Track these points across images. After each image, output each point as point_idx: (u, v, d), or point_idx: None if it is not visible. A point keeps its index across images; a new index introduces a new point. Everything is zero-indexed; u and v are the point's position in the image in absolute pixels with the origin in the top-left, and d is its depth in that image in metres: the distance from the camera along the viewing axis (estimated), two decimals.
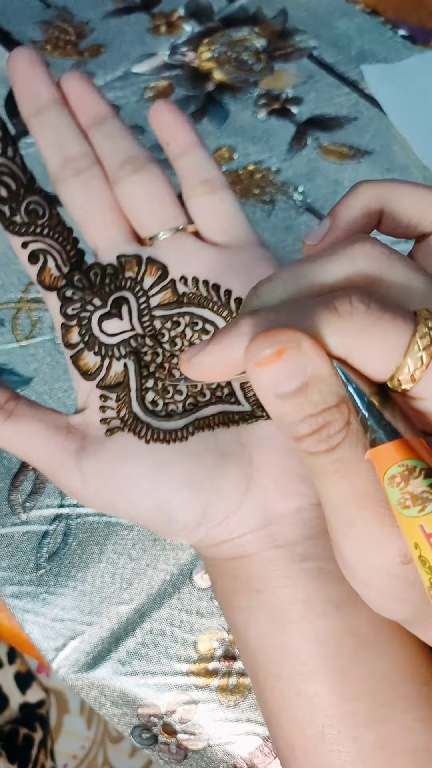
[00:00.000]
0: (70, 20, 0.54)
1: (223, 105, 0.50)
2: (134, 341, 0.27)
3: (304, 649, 0.24)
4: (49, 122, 0.28)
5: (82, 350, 0.27)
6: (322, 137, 0.48)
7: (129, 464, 0.25)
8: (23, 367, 0.40)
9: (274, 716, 0.25)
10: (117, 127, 0.28)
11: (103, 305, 0.27)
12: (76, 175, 0.27)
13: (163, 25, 0.54)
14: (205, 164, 0.28)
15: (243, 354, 0.17)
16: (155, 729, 0.33)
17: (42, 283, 0.27)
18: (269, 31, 0.53)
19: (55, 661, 0.34)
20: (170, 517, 0.25)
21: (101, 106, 0.28)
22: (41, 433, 0.26)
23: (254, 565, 0.25)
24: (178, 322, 0.27)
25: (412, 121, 0.48)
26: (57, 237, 0.27)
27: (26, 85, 0.27)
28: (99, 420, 0.26)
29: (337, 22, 0.53)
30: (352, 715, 0.24)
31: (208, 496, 0.25)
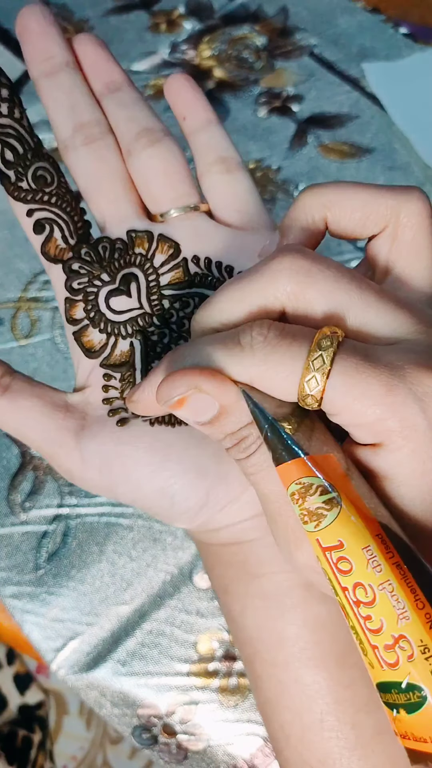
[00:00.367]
0: (70, 18, 0.54)
1: (224, 103, 0.50)
2: (142, 320, 0.26)
3: (303, 635, 0.24)
4: (61, 85, 0.26)
5: (87, 326, 0.25)
6: (323, 135, 0.48)
7: (132, 446, 0.24)
8: (22, 367, 0.40)
9: (270, 705, 0.25)
10: (133, 95, 0.27)
11: (112, 281, 0.25)
12: (88, 143, 0.26)
13: (164, 23, 0.53)
14: (222, 142, 0.27)
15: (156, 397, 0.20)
16: (155, 729, 0.33)
17: (46, 255, 0.25)
18: (270, 29, 0.53)
19: (55, 662, 0.33)
20: (173, 501, 0.24)
21: (116, 73, 0.27)
22: (39, 410, 0.25)
23: (254, 550, 0.25)
24: (188, 303, 0.26)
25: (413, 119, 0.48)
26: (65, 206, 0.25)
27: (37, 44, 0.26)
28: (101, 399, 0.25)
29: (338, 19, 0.53)
30: (350, 701, 0.24)
31: (213, 480, 0.25)
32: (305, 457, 0.18)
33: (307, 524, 0.18)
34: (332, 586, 0.18)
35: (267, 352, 0.18)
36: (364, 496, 0.18)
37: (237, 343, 0.19)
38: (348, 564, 0.17)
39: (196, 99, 0.27)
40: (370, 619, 0.17)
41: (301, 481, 0.18)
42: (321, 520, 0.18)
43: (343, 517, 0.18)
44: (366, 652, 0.17)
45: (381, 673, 0.17)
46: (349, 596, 0.17)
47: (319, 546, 0.18)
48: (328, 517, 0.18)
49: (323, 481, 0.18)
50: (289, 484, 0.18)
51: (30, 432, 0.25)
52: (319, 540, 0.18)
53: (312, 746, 0.24)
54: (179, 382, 0.19)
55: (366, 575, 0.17)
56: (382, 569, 0.17)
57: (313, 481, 0.18)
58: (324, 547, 0.18)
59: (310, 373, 0.18)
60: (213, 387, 0.19)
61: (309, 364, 0.18)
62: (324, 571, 0.18)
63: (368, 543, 0.17)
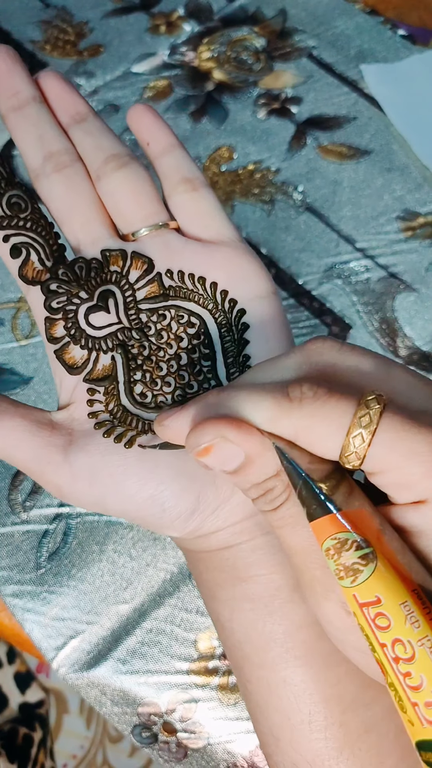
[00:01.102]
0: (70, 20, 0.54)
1: (223, 105, 0.50)
2: (121, 334, 0.27)
3: (290, 635, 0.24)
4: (29, 118, 0.28)
5: (68, 344, 0.26)
6: (321, 137, 0.48)
7: (120, 455, 0.25)
8: (23, 367, 0.40)
9: (259, 708, 0.26)
10: (98, 125, 0.28)
11: (90, 298, 0.26)
12: (58, 170, 0.27)
13: (163, 25, 0.54)
14: (185, 164, 0.29)
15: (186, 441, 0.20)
16: (155, 728, 0.33)
17: (24, 277, 0.26)
18: (269, 30, 0.53)
19: (56, 660, 0.34)
20: (164, 508, 0.25)
21: (81, 105, 0.28)
22: (25, 429, 0.25)
23: (241, 554, 0.25)
24: (165, 315, 0.27)
25: (411, 121, 0.48)
26: (40, 231, 0.27)
27: (5, 82, 0.27)
28: (87, 414, 0.26)
29: (337, 21, 0.53)
30: (338, 700, 0.24)
31: (202, 484, 0.25)
32: (339, 513, 0.18)
33: (343, 579, 0.18)
34: (369, 642, 0.18)
35: (316, 406, 0.19)
36: (398, 552, 0.18)
37: (285, 395, 0.20)
38: (386, 620, 0.17)
39: (158, 125, 0.29)
40: (410, 676, 0.17)
41: (336, 536, 0.18)
42: (357, 575, 0.18)
43: (379, 572, 0.18)
44: (405, 710, 0.18)
45: (421, 731, 0.17)
46: (388, 653, 0.18)
47: (356, 602, 0.18)
48: (365, 572, 0.18)
49: (358, 537, 0.18)
50: (323, 539, 0.18)
51: (17, 452, 0.25)
52: (356, 596, 0.18)
53: (301, 747, 0.24)
54: (206, 431, 0.20)
55: (404, 631, 0.17)
56: (420, 625, 0.17)
57: (348, 537, 0.18)
58: (361, 603, 0.18)
59: (356, 430, 0.18)
60: (238, 436, 0.19)
61: (356, 421, 0.19)
62: (361, 627, 0.18)
63: (405, 599, 0.18)
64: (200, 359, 0.27)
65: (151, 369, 0.26)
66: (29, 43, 0.52)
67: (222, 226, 0.29)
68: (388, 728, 0.24)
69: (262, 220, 0.45)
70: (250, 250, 0.29)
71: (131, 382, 0.26)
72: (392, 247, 0.44)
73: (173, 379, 0.26)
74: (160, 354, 0.27)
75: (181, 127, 0.49)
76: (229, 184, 0.46)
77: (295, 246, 0.44)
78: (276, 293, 0.28)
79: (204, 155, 0.48)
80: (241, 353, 0.27)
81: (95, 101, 0.50)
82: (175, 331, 0.27)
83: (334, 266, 0.43)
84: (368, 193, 0.46)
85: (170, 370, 0.27)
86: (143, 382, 0.26)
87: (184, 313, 0.27)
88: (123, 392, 0.26)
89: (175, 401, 0.26)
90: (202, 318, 0.27)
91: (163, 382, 0.26)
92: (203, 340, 0.27)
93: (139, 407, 0.26)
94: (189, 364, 0.27)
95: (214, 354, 0.27)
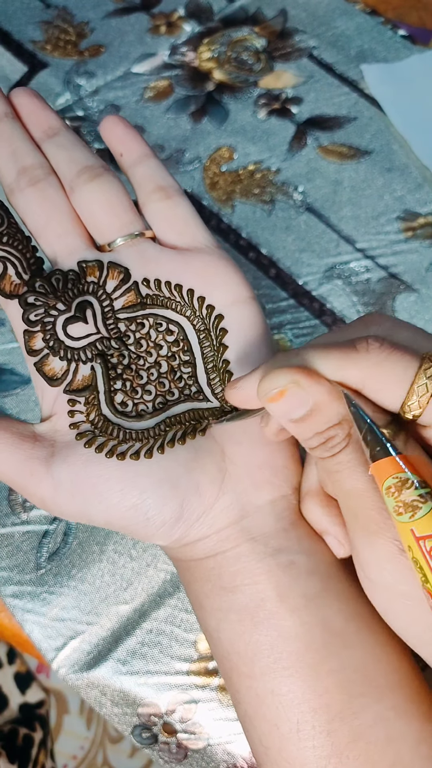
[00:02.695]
0: (70, 20, 0.54)
1: (223, 105, 0.50)
2: (100, 344, 0.27)
3: (276, 646, 0.24)
4: (2, 135, 0.28)
5: (47, 356, 0.26)
6: (321, 137, 0.48)
7: (102, 466, 0.25)
8: (23, 367, 0.40)
9: (249, 717, 0.26)
10: (70, 138, 0.29)
11: (67, 309, 0.27)
12: (32, 184, 0.28)
13: (163, 26, 0.54)
14: (159, 172, 0.29)
15: (257, 389, 0.22)
16: (155, 728, 0.33)
17: (2, 292, 0.27)
18: (269, 31, 0.53)
19: (56, 661, 0.34)
20: (147, 516, 0.25)
21: (53, 119, 0.29)
22: (7, 442, 0.25)
23: (228, 561, 0.26)
24: (143, 324, 0.27)
25: (411, 121, 0.48)
26: (16, 245, 0.27)
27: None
28: (68, 425, 0.26)
29: (337, 21, 0.53)
30: (325, 709, 0.24)
31: (185, 491, 0.25)
32: (398, 456, 0.20)
33: (402, 515, 0.20)
34: (423, 574, 0.20)
35: (383, 356, 0.21)
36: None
37: (352, 347, 0.21)
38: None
39: (130, 136, 0.29)
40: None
41: (397, 476, 0.20)
42: (416, 511, 0.20)
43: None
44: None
45: None
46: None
47: (413, 536, 0.20)
48: (423, 509, 0.20)
49: (417, 478, 0.20)
50: (384, 479, 0.20)
51: (0, 465, 0.25)
52: (414, 530, 0.20)
53: (290, 756, 0.24)
54: (281, 375, 0.21)
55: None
56: None
57: (408, 477, 0.20)
58: (418, 536, 0.19)
59: (421, 380, 0.20)
60: (310, 383, 0.21)
61: (421, 372, 0.20)
62: (415, 561, 0.20)
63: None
64: (180, 366, 0.27)
65: (131, 378, 0.27)
66: (30, 43, 0.52)
67: (197, 233, 0.29)
68: (377, 737, 0.23)
69: (263, 221, 0.45)
70: (226, 256, 0.29)
71: (111, 392, 0.26)
72: (392, 247, 0.44)
73: (154, 387, 0.27)
74: (140, 363, 0.27)
75: (182, 127, 0.49)
76: (230, 185, 0.46)
77: (295, 246, 0.44)
78: (254, 298, 0.28)
79: (204, 155, 0.48)
80: (220, 358, 0.27)
81: (96, 101, 0.50)
82: (154, 339, 0.27)
83: (335, 266, 0.43)
84: (368, 193, 0.46)
85: (150, 378, 0.27)
86: (123, 391, 0.26)
87: (162, 321, 0.27)
88: (103, 402, 0.26)
89: (156, 409, 0.26)
90: (180, 325, 0.27)
91: (144, 390, 0.27)
92: (182, 347, 0.27)
93: (120, 416, 0.26)
94: (169, 372, 0.27)
95: (194, 360, 0.27)
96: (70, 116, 0.49)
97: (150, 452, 0.25)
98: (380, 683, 0.24)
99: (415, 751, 0.24)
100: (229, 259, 0.29)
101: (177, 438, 0.26)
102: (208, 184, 0.47)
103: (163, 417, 0.26)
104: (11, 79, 0.51)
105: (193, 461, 0.26)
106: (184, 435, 0.26)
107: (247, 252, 0.44)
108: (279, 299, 0.42)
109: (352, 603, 0.25)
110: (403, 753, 0.23)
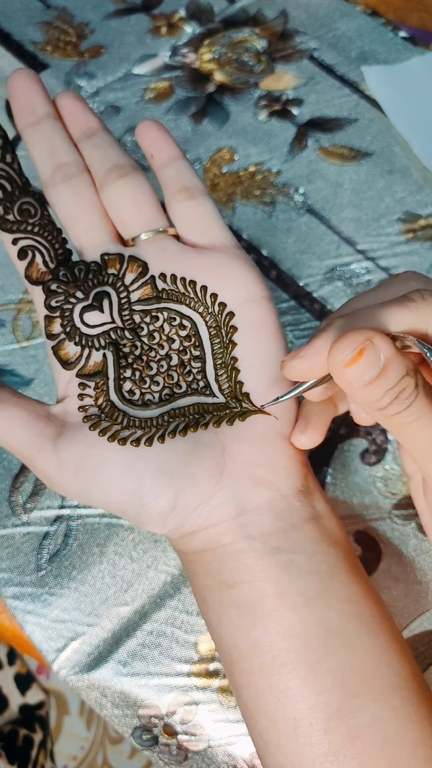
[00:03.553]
0: (71, 21, 0.54)
1: (224, 106, 0.50)
2: (114, 333, 0.28)
3: (275, 643, 0.25)
4: (43, 133, 0.29)
5: (63, 340, 0.28)
6: (322, 139, 0.48)
7: (104, 449, 0.26)
8: (24, 368, 0.40)
9: (249, 712, 0.26)
10: (106, 138, 0.30)
11: (85, 298, 0.28)
12: (66, 180, 0.29)
13: (164, 27, 0.54)
14: (186, 174, 0.30)
15: (328, 357, 0.22)
16: (156, 730, 0.33)
17: (29, 278, 0.28)
18: (270, 32, 0.53)
19: (56, 663, 0.34)
20: (142, 503, 0.25)
21: (92, 121, 0.30)
22: (22, 419, 0.27)
23: (227, 557, 0.26)
24: (157, 317, 0.28)
25: (412, 123, 0.48)
26: (46, 235, 0.28)
27: (24, 100, 0.29)
28: (77, 408, 0.27)
29: (338, 23, 0.53)
30: (323, 707, 0.24)
31: (181, 481, 0.26)
32: None
33: None
34: None
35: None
36: None
37: (409, 299, 0.22)
38: None
39: (162, 138, 0.30)
40: None
41: None
42: None
43: None
44: None
45: None
46: None
47: None
48: None
49: None
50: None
51: (13, 439, 0.27)
52: None
53: (288, 752, 0.24)
54: (355, 337, 0.21)
55: None
56: None
57: None
58: None
59: None
60: (382, 340, 0.21)
61: None
62: None
63: None
64: (190, 360, 0.28)
65: (141, 368, 0.28)
66: (30, 44, 0.52)
67: (218, 233, 0.30)
68: (374, 737, 0.24)
69: (263, 222, 0.45)
70: (244, 256, 0.30)
71: (120, 380, 0.27)
72: (393, 249, 0.44)
73: (162, 378, 0.28)
74: (151, 354, 0.28)
75: (182, 128, 0.49)
76: (230, 186, 0.46)
77: (296, 248, 0.44)
78: (269, 298, 0.29)
79: (205, 157, 0.48)
80: (229, 355, 0.28)
81: (96, 102, 0.50)
82: (167, 332, 0.28)
83: (335, 268, 0.43)
84: (369, 195, 0.46)
85: (160, 369, 0.28)
86: (132, 380, 0.27)
87: (176, 316, 0.28)
88: (112, 388, 0.27)
89: (162, 399, 0.27)
90: (193, 320, 0.28)
91: (152, 381, 0.28)
92: (194, 342, 0.28)
93: (126, 404, 0.27)
94: (179, 365, 0.28)
95: (204, 356, 0.28)
96: None
97: (150, 441, 0.26)
98: (378, 684, 0.24)
99: (413, 753, 0.24)
100: (246, 259, 0.29)
101: (179, 429, 0.26)
102: (209, 185, 0.47)
103: (168, 408, 0.27)
104: None
105: (192, 454, 0.26)
106: (186, 427, 0.26)
107: (248, 253, 0.44)
108: (280, 301, 0.43)
109: (353, 604, 0.25)
110: (400, 755, 0.24)
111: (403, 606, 0.34)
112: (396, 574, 0.35)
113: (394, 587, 0.34)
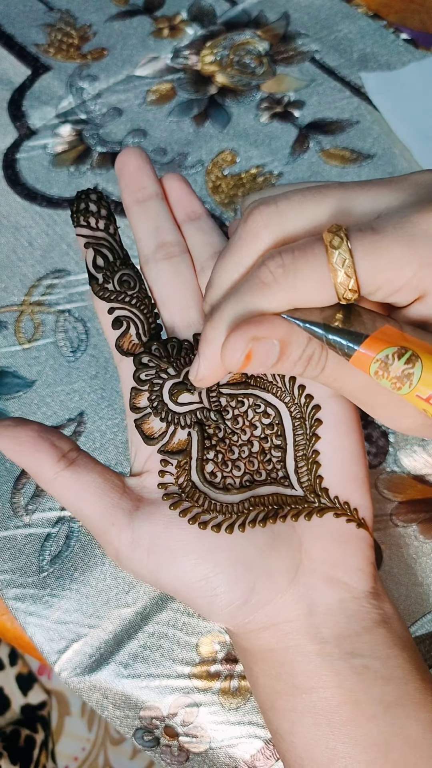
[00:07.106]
0: (73, 23, 0.54)
1: (226, 108, 0.50)
2: (200, 413, 0.27)
3: (353, 754, 0.24)
4: (149, 211, 0.30)
5: (148, 415, 0.27)
6: (324, 141, 0.48)
7: (182, 531, 0.25)
8: (26, 370, 0.41)
9: None
10: (209, 224, 0.30)
11: (177, 375, 0.28)
12: (167, 258, 0.29)
13: (166, 29, 0.54)
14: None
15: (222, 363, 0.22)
16: (157, 731, 0.33)
17: (120, 348, 0.28)
18: (271, 34, 0.53)
19: (58, 664, 0.34)
20: (215, 593, 0.25)
21: (197, 205, 0.31)
22: (98, 487, 0.26)
23: (299, 659, 0.25)
24: (243, 402, 0.28)
25: (411, 128, 0.48)
26: (142, 308, 0.28)
27: (133, 178, 0.30)
28: (156, 484, 0.27)
29: (339, 25, 0.53)
30: None
31: (258, 575, 0.25)
32: (360, 346, 0.20)
33: (401, 389, 0.20)
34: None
35: (291, 277, 0.21)
36: (426, 339, 0.20)
37: (261, 283, 0.21)
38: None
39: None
40: None
41: (377, 358, 0.20)
42: (411, 378, 0.20)
43: (426, 364, 0.20)
44: None
45: None
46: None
47: (421, 399, 0.20)
48: (415, 372, 0.19)
49: (393, 348, 0.20)
50: (368, 367, 0.20)
51: (86, 507, 0.26)
52: (419, 395, 0.20)
53: None
54: (238, 340, 0.21)
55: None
56: None
57: (386, 352, 0.20)
58: (425, 397, 0.20)
59: (338, 273, 0.20)
60: (266, 329, 0.21)
61: (333, 266, 0.20)
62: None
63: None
64: (271, 449, 0.28)
65: (224, 451, 0.27)
66: (33, 46, 0.53)
67: None
68: None
69: None
70: None
71: (203, 460, 0.27)
72: None
73: (243, 463, 0.27)
74: (233, 438, 0.28)
75: (184, 130, 0.49)
76: (232, 188, 0.47)
77: None
78: None
79: (207, 159, 0.48)
80: (311, 448, 0.27)
81: (98, 104, 0.50)
82: (250, 418, 0.28)
83: None
84: None
85: (242, 454, 0.27)
86: (215, 461, 0.27)
87: (261, 403, 0.28)
88: (194, 468, 0.27)
89: (243, 486, 0.27)
90: (277, 409, 0.28)
91: (234, 465, 0.27)
92: (276, 431, 0.28)
93: (207, 485, 0.27)
94: (260, 452, 0.27)
95: (285, 446, 0.28)
96: (73, 119, 0.49)
97: (231, 528, 0.25)
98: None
99: None
100: None
101: (258, 519, 0.26)
102: (211, 187, 0.47)
103: (249, 495, 0.26)
104: (14, 82, 0.51)
105: (270, 547, 0.25)
106: (266, 518, 0.26)
107: None
108: None
109: (430, 712, 0.24)
110: None
111: (404, 608, 0.34)
112: (397, 576, 0.35)
113: (395, 590, 0.35)
